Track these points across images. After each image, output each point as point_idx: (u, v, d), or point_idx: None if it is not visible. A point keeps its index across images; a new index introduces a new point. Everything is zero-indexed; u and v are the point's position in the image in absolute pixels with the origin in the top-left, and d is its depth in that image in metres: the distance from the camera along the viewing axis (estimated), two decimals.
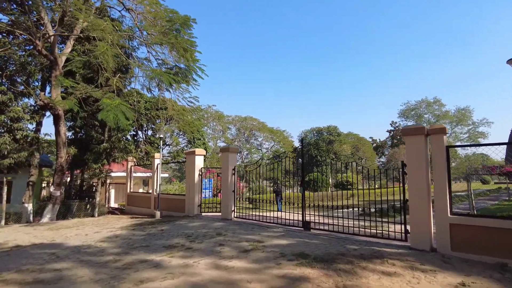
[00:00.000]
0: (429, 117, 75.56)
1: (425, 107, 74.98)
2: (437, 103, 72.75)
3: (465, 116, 67.46)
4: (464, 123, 68.46)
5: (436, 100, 72.63)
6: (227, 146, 11.31)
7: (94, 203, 17.05)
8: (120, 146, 17.35)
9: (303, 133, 70.61)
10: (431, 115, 74.69)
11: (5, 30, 16.00)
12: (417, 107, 76.21)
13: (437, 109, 73.04)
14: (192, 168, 12.83)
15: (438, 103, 72.66)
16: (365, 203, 11.53)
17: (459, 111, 68.86)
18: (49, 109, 15.13)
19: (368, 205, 11.63)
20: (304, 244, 7.43)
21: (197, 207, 12.67)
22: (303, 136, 70.01)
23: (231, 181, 11.19)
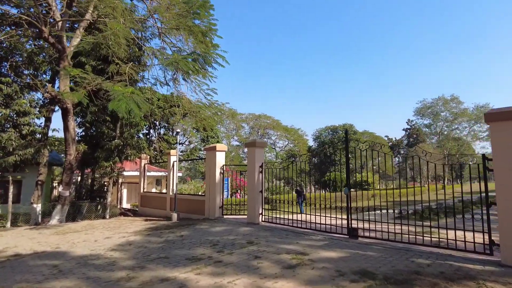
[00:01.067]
0: (446, 115, 73.22)
1: (441, 105, 72.76)
2: (454, 101, 70.53)
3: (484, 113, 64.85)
4: (484, 120, 65.84)
5: (454, 97, 70.40)
6: (253, 140, 9.94)
7: (105, 203, 15.91)
8: (132, 142, 16.17)
9: (317, 131, 68.85)
10: (448, 113, 72.43)
11: (12, 22, 14.99)
12: (433, 105, 73.98)
13: (454, 107, 70.81)
14: (212, 166, 11.51)
15: (456, 100, 70.43)
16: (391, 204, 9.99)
17: (478, 109, 66.49)
18: (57, 102, 14.02)
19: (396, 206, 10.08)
20: (360, 257, 6.00)
21: (218, 209, 11.34)
22: (318, 135, 68.32)
23: (258, 180, 9.81)
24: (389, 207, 9.25)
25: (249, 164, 10.07)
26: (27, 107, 13.83)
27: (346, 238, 7.81)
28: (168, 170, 14.07)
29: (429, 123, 76.67)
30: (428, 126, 77.39)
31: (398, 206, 8.22)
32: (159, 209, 14.44)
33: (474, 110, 67.12)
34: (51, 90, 13.48)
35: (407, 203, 9.14)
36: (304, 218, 9.20)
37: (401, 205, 8.19)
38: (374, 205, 9.34)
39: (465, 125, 71.08)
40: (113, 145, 15.80)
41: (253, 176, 9.83)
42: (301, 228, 8.98)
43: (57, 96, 13.44)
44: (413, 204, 8.24)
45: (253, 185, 9.83)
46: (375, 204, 10.09)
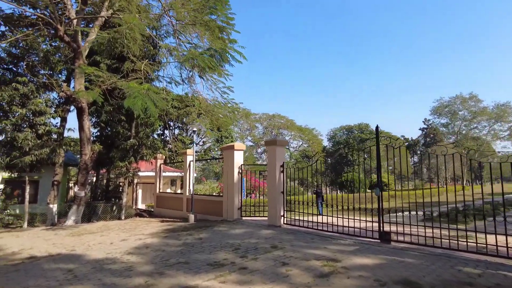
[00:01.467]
0: (465, 114, 71.24)
1: (459, 104, 70.81)
2: (473, 99, 68.37)
3: (505, 112, 62.88)
4: (505, 119, 63.97)
5: (472, 96, 68.25)
6: (273, 138, 9.47)
7: (121, 204, 15.69)
8: (148, 142, 15.91)
9: (332, 131, 67.97)
10: (467, 111, 70.45)
11: (29, 23, 14.93)
12: (450, 103, 72.09)
13: (473, 105, 68.76)
14: (230, 165, 11.08)
15: (475, 99, 68.25)
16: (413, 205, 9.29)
17: (499, 107, 64.36)
18: (72, 101, 13.87)
19: (418, 208, 9.42)
20: (398, 264, 5.44)
21: (237, 211, 10.90)
22: (332, 135, 67.40)
23: (279, 180, 9.33)
24: (412, 209, 8.57)
25: (269, 163, 9.59)
26: (43, 107, 13.70)
27: (378, 242, 7.25)
28: (184, 170, 13.72)
29: (447, 123, 74.82)
30: (445, 126, 75.45)
31: (420, 207, 7.59)
32: (175, 210, 14.11)
33: (494, 108, 65.05)
34: (66, 89, 13.31)
35: (431, 205, 8.51)
36: (327, 220, 8.66)
37: (424, 206, 7.56)
38: (395, 207, 8.73)
39: (484, 124, 69.05)
40: (128, 145, 15.56)
41: (274, 176, 9.35)
42: (326, 232, 8.45)
43: (72, 95, 13.27)
44: (436, 205, 7.60)
45: (274, 186, 9.35)
46: (396, 206, 9.45)
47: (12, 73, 14.67)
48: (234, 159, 10.95)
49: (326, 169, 21.28)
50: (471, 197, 7.36)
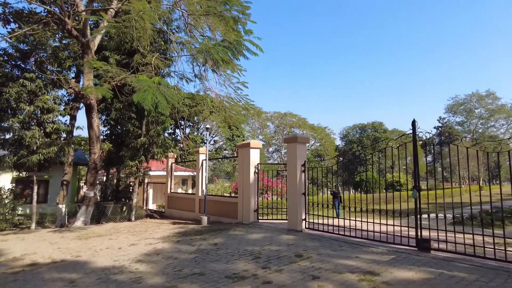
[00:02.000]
0: (481, 112, 69.35)
1: (476, 101, 68.93)
2: (490, 97, 66.62)
3: None
4: None
5: (489, 93, 66.52)
6: (294, 135, 8.70)
7: (131, 205, 15.14)
8: (159, 141, 15.31)
9: (344, 130, 66.70)
10: (484, 109, 68.50)
11: (38, 19, 14.50)
12: (466, 101, 70.31)
13: (490, 103, 66.81)
14: (246, 164, 10.38)
15: (492, 96, 66.49)
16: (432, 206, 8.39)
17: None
18: (81, 98, 13.36)
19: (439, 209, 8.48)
20: (450, 280, 4.64)
21: (253, 213, 10.18)
22: (345, 133, 66.14)
23: (300, 181, 8.57)
24: (433, 211, 7.70)
25: (289, 162, 8.84)
26: (51, 104, 13.23)
27: (415, 251, 6.43)
28: (196, 170, 13.07)
29: (462, 121, 73.20)
30: (460, 124, 73.74)
31: (446, 209, 6.75)
32: (187, 211, 13.49)
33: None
34: (74, 86, 12.81)
35: (461, 206, 7.55)
36: (350, 224, 7.88)
37: (445, 208, 6.71)
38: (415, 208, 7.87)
39: (502, 122, 67.15)
40: (139, 144, 15.00)
41: (294, 176, 8.59)
42: (353, 237, 7.66)
43: (80, 92, 12.76)
44: (462, 206, 6.72)
45: (294, 187, 8.59)
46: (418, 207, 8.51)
47: (20, 70, 14.25)
48: (250, 158, 10.23)
49: (339, 169, 20.37)
50: (489, 197, 6.45)
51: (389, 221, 7.48)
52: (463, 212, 6.60)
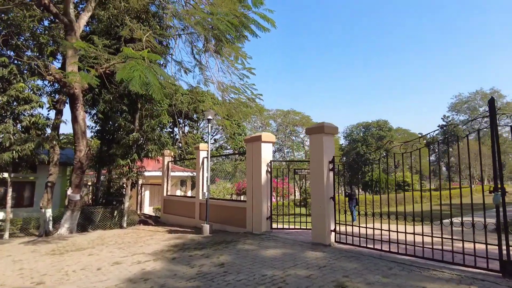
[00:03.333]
0: (485, 110, 68.12)
1: (480, 99, 67.77)
2: (494, 94, 65.28)
3: None
4: None
5: (494, 91, 65.22)
6: (319, 124, 6.91)
7: (122, 209, 13.35)
8: (154, 136, 13.51)
9: (348, 128, 64.94)
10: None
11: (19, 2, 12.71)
12: (470, 99, 69.13)
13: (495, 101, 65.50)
14: (256, 162, 8.60)
15: (497, 94, 65.19)
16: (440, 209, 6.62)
17: None
18: (62, 86, 11.60)
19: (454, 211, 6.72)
20: None
21: (265, 221, 8.39)
22: (349, 132, 64.41)
23: (328, 182, 6.79)
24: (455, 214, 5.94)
25: (313, 158, 7.06)
26: (28, 93, 11.42)
27: (499, 276, 4.67)
28: (196, 169, 11.28)
29: (466, 119, 72.12)
30: (464, 123, 72.46)
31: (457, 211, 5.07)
32: (185, 217, 11.71)
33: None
34: (55, 72, 11.02)
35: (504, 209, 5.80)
36: (381, 232, 6.17)
37: (462, 210, 4.99)
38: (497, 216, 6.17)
39: (507, 120, 65.97)
40: (131, 140, 13.21)
41: (320, 176, 6.82)
42: (398, 254, 5.88)
43: (61, 79, 10.99)
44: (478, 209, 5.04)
45: (321, 189, 6.82)
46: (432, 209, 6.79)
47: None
48: (261, 154, 8.45)
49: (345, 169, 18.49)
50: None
51: (414, 227, 5.78)
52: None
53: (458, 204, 5.42)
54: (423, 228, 5.76)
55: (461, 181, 6.82)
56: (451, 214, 5.40)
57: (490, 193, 4.87)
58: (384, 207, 16.74)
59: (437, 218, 5.74)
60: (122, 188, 15.30)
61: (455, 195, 19.98)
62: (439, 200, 5.90)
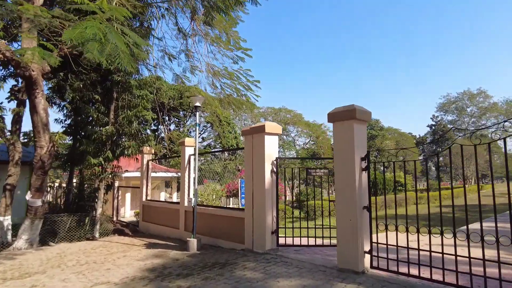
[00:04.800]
0: (473, 110, 68.75)
1: (467, 100, 68.29)
2: (481, 95, 65.98)
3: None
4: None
5: (481, 91, 65.87)
6: (348, 107, 5.06)
7: (94, 217, 11.29)
8: (131, 130, 11.49)
9: None
10: (476, 107, 67.92)
11: None
12: (458, 99, 69.60)
13: (482, 101, 66.25)
14: (258, 159, 6.73)
15: (483, 94, 65.94)
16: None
17: (508, 103, 61.57)
18: (15, 67, 9.52)
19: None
20: None
21: (270, 236, 6.51)
22: None
23: (360, 185, 4.98)
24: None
25: (338, 154, 5.22)
26: None
27: None
28: (181, 169, 9.33)
29: (454, 119, 72.67)
30: (452, 123, 73.21)
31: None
32: (168, 227, 9.74)
33: (503, 104, 62.42)
34: (4, 49, 8.90)
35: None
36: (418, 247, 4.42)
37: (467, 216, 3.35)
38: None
39: (494, 120, 66.54)
40: (104, 135, 11.17)
41: (350, 177, 4.99)
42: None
43: (13, 58, 8.90)
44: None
45: (350, 195, 4.98)
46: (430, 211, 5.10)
47: None
48: (264, 149, 6.59)
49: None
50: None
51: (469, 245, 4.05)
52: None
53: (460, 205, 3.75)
54: (469, 245, 4.01)
55: (479, 181, 5.55)
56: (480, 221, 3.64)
57: None
58: (380, 210, 15.19)
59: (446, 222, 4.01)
60: (97, 191, 13.19)
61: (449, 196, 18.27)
62: (439, 201, 4.20)
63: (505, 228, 4.29)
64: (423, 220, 5.29)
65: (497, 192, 4.55)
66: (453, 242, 4.21)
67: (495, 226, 3.94)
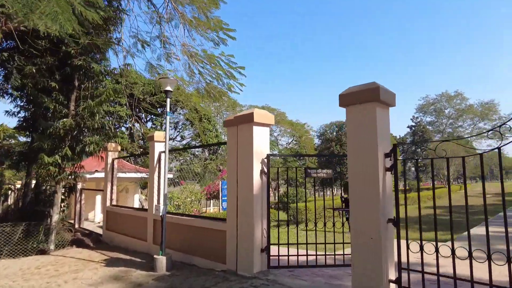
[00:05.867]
0: (451, 112, 70.23)
1: (445, 101, 69.77)
2: (458, 97, 67.44)
3: (490, 110, 61.94)
4: (490, 117, 63.26)
5: (458, 93, 67.29)
6: (370, 86, 3.72)
7: (49, 226, 9.57)
8: (93, 124, 9.83)
9: (321, 127, 63.05)
10: (453, 109, 69.46)
11: None
12: (436, 101, 70.92)
13: (459, 103, 67.84)
14: (244, 156, 5.31)
15: (460, 96, 67.44)
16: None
17: (483, 106, 63.12)
18: None
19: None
20: None
21: (259, 255, 5.10)
22: (322, 131, 62.61)
23: (384, 190, 3.69)
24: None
25: (353, 147, 3.87)
26: None
27: None
28: (150, 169, 7.76)
29: (432, 121, 74.05)
30: (431, 124, 74.64)
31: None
32: (135, 238, 8.16)
33: (478, 106, 64.00)
34: None
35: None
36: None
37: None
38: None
39: (470, 122, 68.30)
40: (62, 128, 9.47)
41: (370, 179, 3.63)
42: None
43: None
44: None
45: (371, 204, 3.64)
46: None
47: None
48: (252, 144, 5.19)
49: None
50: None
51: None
52: None
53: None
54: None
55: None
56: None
57: None
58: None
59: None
60: (53, 195, 11.39)
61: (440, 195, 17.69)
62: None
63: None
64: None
65: (476, 192, 3.50)
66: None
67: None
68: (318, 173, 5.24)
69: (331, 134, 61.12)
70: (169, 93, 6.15)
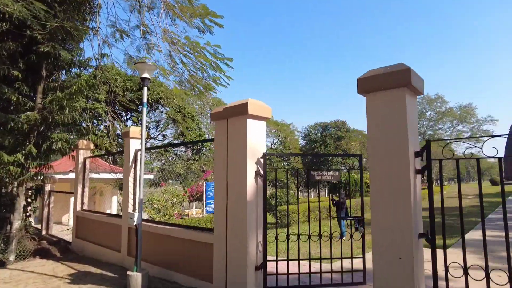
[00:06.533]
0: (431, 114, 71.92)
1: (426, 104, 71.47)
2: (439, 100, 69.14)
3: (468, 113, 63.99)
4: (468, 120, 65.42)
5: (438, 96, 69.05)
6: (398, 67, 2.98)
7: (8, 233, 8.43)
8: (63, 118, 8.76)
9: (306, 128, 62.90)
10: (434, 112, 71.23)
11: None
12: (418, 104, 72.30)
13: (439, 106, 69.64)
14: (236, 154, 4.47)
15: (441, 99, 69.06)
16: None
17: (461, 109, 65.06)
18: None
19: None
20: None
21: (253, 273, 4.25)
22: (307, 132, 62.43)
23: (416, 197, 2.96)
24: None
25: (376, 143, 3.13)
26: None
27: None
28: (124, 168, 6.79)
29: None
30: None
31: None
32: (108, 249, 7.19)
33: (457, 110, 65.87)
34: None
35: None
36: None
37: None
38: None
39: (449, 125, 70.16)
40: (25, 123, 8.37)
41: (399, 184, 2.93)
42: None
43: None
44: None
45: (398, 214, 2.93)
46: None
47: None
48: (246, 140, 4.35)
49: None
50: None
51: None
52: None
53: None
54: None
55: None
56: None
57: None
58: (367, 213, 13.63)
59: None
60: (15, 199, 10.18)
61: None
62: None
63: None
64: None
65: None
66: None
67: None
68: (323, 176, 4.48)
69: (315, 135, 61.03)
70: (147, 80, 5.26)
